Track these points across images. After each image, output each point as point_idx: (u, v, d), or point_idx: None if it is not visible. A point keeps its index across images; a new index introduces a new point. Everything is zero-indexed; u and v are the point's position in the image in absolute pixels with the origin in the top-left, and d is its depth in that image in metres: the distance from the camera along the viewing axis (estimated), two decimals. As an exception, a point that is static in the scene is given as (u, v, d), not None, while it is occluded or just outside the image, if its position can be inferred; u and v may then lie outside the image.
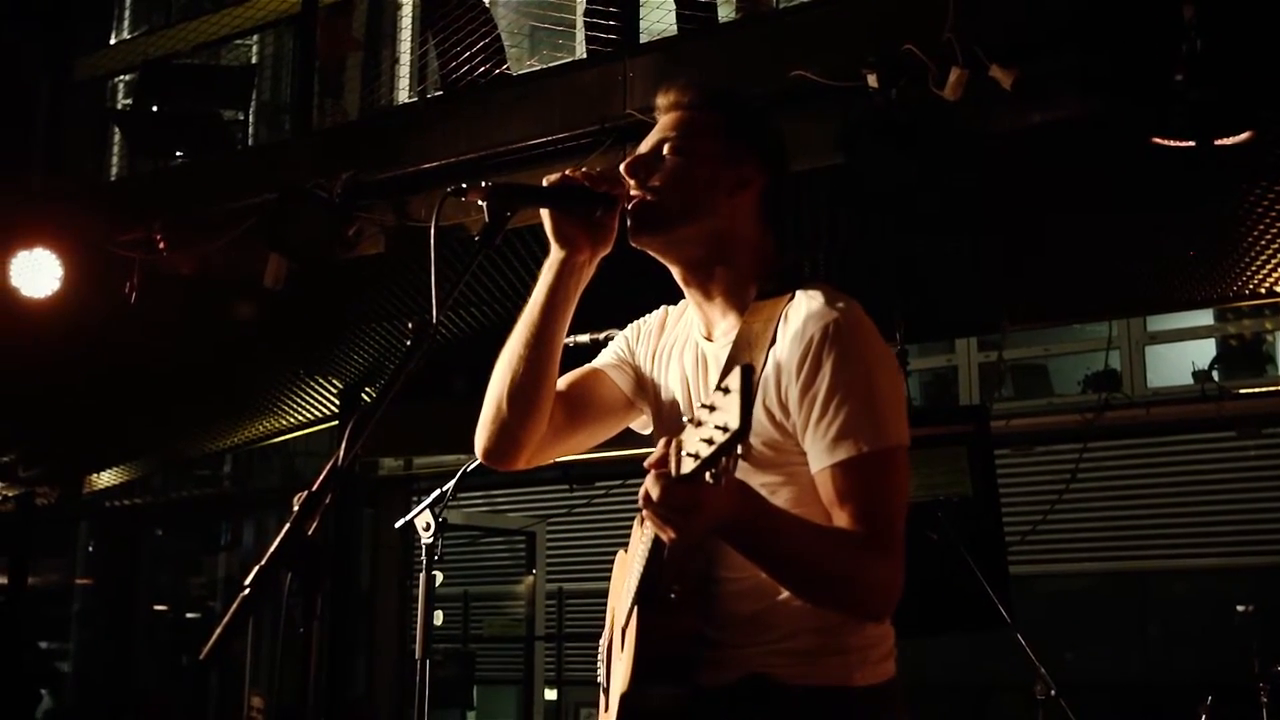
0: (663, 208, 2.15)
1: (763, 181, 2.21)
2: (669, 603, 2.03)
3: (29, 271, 5.98)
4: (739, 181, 2.18)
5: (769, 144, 2.26)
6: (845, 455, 1.96)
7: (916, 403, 8.34)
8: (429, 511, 3.78)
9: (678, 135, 2.19)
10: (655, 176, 2.16)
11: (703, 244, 2.17)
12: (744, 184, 2.18)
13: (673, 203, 2.15)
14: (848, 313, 2.03)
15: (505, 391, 2.24)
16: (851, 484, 1.97)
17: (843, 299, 2.07)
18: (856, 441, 1.96)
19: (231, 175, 6.38)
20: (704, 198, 2.15)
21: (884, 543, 1.95)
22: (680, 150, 2.18)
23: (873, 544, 1.94)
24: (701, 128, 2.20)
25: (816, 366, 1.98)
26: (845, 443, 1.96)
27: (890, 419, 2.00)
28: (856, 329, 2.02)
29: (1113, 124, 4.27)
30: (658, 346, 2.34)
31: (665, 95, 2.25)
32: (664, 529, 1.77)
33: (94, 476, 10.37)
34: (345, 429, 1.83)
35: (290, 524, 1.72)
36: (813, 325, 2.00)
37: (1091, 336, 8.16)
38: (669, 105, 2.25)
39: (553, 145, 5.16)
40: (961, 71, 4.19)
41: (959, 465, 5.63)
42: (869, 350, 2.02)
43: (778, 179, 2.25)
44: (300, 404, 8.17)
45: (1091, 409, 7.34)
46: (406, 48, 7.31)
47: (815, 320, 2.01)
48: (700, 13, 5.49)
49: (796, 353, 2.00)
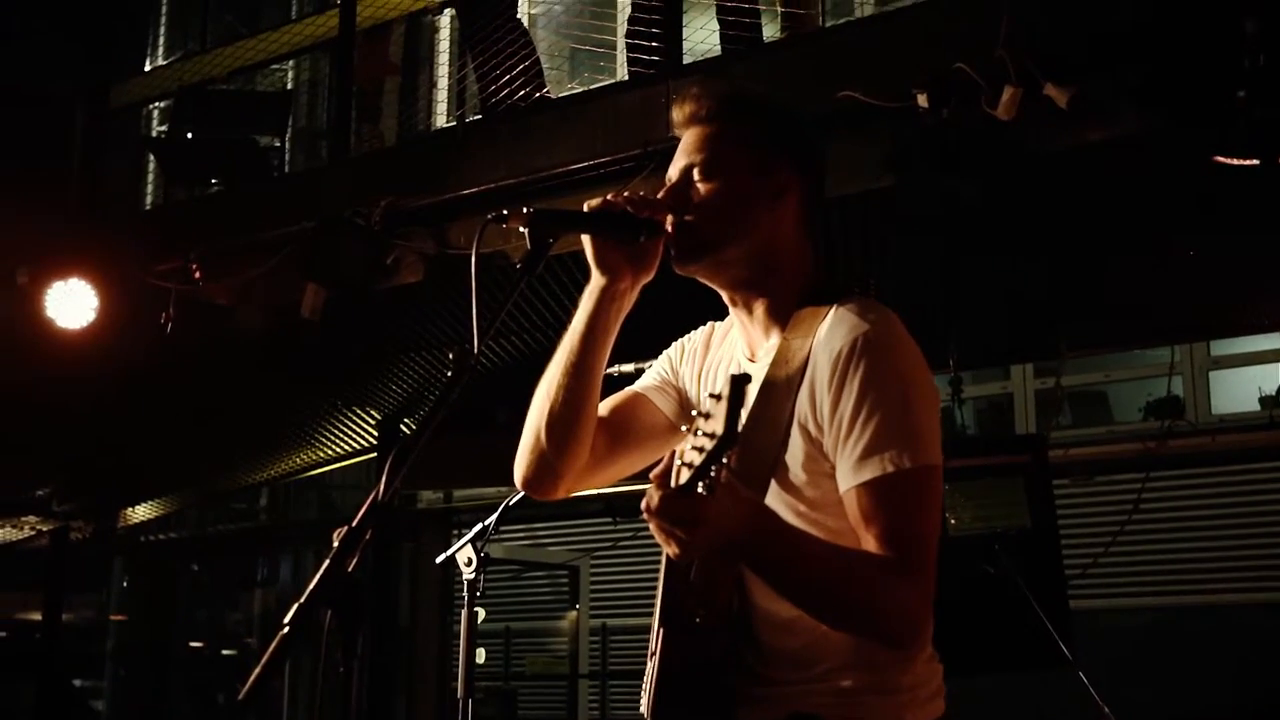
0: (704, 235, 2.09)
1: (800, 185, 2.14)
2: (695, 628, 1.99)
3: (64, 302, 5.94)
4: (775, 191, 2.11)
5: (799, 143, 2.19)
6: (872, 474, 1.90)
7: (971, 432, 8.20)
8: (470, 546, 3.75)
9: (705, 156, 2.12)
10: (691, 205, 2.10)
11: (748, 263, 2.11)
12: (781, 192, 2.12)
13: (714, 228, 2.09)
14: (879, 324, 1.97)
15: (544, 421, 2.19)
16: (878, 504, 1.90)
17: (876, 310, 2.01)
18: (884, 460, 1.89)
19: (268, 203, 6.35)
20: (743, 216, 2.09)
21: (910, 567, 1.88)
22: (710, 173, 2.11)
23: (898, 568, 1.87)
24: (728, 142, 2.13)
25: (844, 380, 1.93)
26: (872, 461, 1.90)
27: (922, 437, 1.93)
28: (888, 341, 1.96)
29: (1173, 142, 4.16)
30: (703, 366, 2.28)
31: (680, 109, 2.17)
32: (666, 542, 1.75)
33: (129, 510, 10.38)
34: (385, 462, 1.78)
35: (330, 560, 1.69)
36: (843, 338, 1.96)
37: (1152, 362, 8.00)
38: (686, 120, 2.17)
39: (594, 170, 5.07)
40: (1015, 90, 4.08)
41: (1016, 496, 5.48)
42: (900, 363, 1.97)
43: (815, 179, 2.19)
44: (338, 436, 8.13)
45: (1154, 437, 7.19)
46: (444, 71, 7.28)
47: (846, 333, 1.96)
48: (745, 32, 5.39)
49: (827, 366, 1.96)
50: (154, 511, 10.49)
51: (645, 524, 1.79)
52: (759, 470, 2.00)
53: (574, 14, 7.11)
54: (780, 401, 2.00)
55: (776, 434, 1.99)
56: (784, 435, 1.99)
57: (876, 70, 4.49)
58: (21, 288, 6.12)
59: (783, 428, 1.99)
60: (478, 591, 3.76)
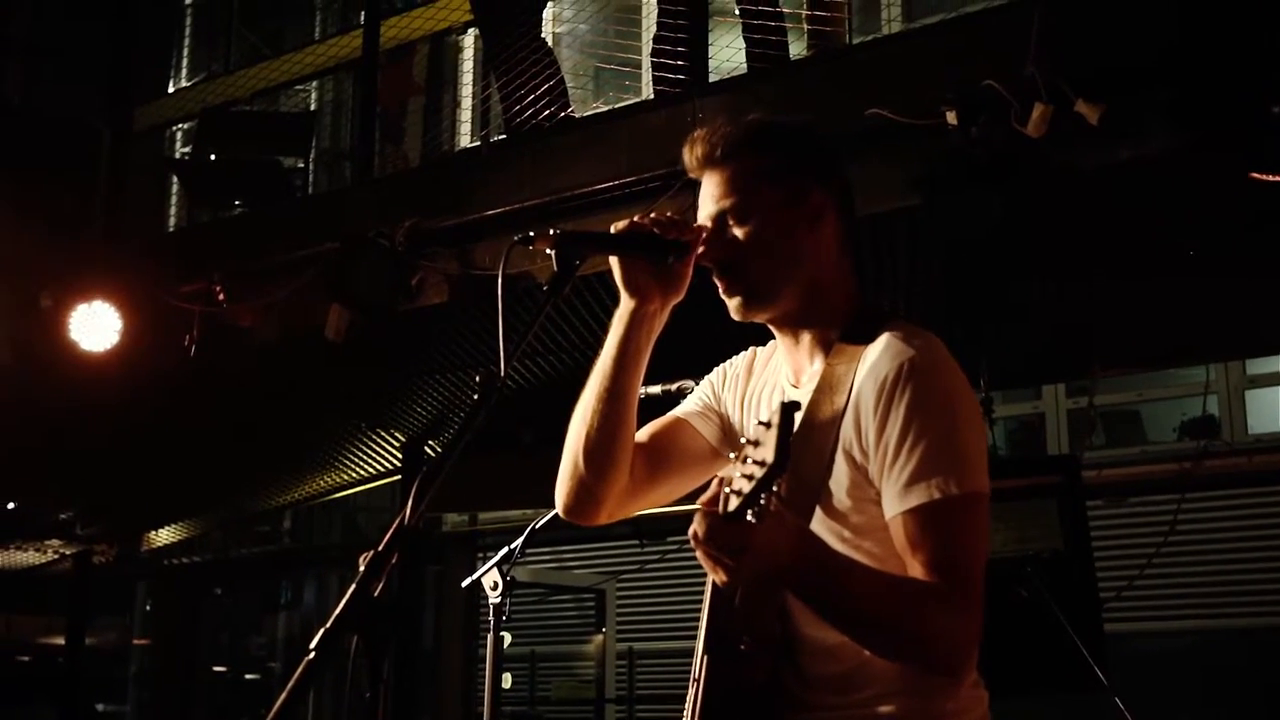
0: (758, 282, 2.09)
1: (833, 202, 2.12)
2: (739, 654, 1.97)
3: (88, 325, 5.94)
4: (812, 215, 2.10)
5: (821, 160, 2.16)
6: (919, 501, 1.88)
7: (1002, 452, 8.15)
8: (496, 570, 3.70)
9: (735, 201, 2.08)
10: (735, 254, 2.08)
11: (799, 296, 2.10)
12: (818, 215, 2.10)
13: (765, 272, 2.08)
14: (926, 350, 1.96)
15: (581, 448, 2.19)
16: (926, 531, 1.88)
17: (922, 336, 1.99)
18: (930, 486, 1.87)
19: (291, 224, 6.34)
20: (789, 250, 2.08)
21: (960, 594, 1.86)
22: (744, 216, 2.08)
23: (947, 595, 1.85)
24: (752, 178, 2.09)
25: (890, 407, 1.92)
26: (919, 487, 1.88)
27: (970, 463, 1.91)
28: (934, 367, 1.95)
29: (1207, 158, 4.12)
30: (746, 391, 2.26)
31: (692, 152, 2.13)
32: (714, 570, 1.74)
33: (152, 534, 10.40)
34: (410, 485, 1.78)
35: (356, 585, 1.69)
36: (888, 364, 1.94)
37: (1187, 381, 7.94)
38: (699, 164, 2.13)
39: (620, 190, 5.03)
40: (1045, 107, 4.03)
41: (1049, 518, 5.47)
42: (948, 390, 1.95)
43: (844, 190, 2.16)
44: (362, 458, 8.10)
45: (1189, 457, 7.16)
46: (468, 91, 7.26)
47: (891, 359, 1.95)
48: (771, 50, 5.34)
49: (872, 393, 1.94)
50: (177, 535, 10.50)
51: (672, 547, 1.74)
52: (804, 497, 1.98)
53: (598, 32, 7.08)
54: (825, 427, 1.98)
55: (821, 460, 1.98)
56: (829, 461, 1.98)
57: (904, 88, 4.45)
58: (45, 310, 6.13)
59: (827, 454, 1.98)
60: (504, 616, 3.72)
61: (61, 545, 10.03)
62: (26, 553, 10.30)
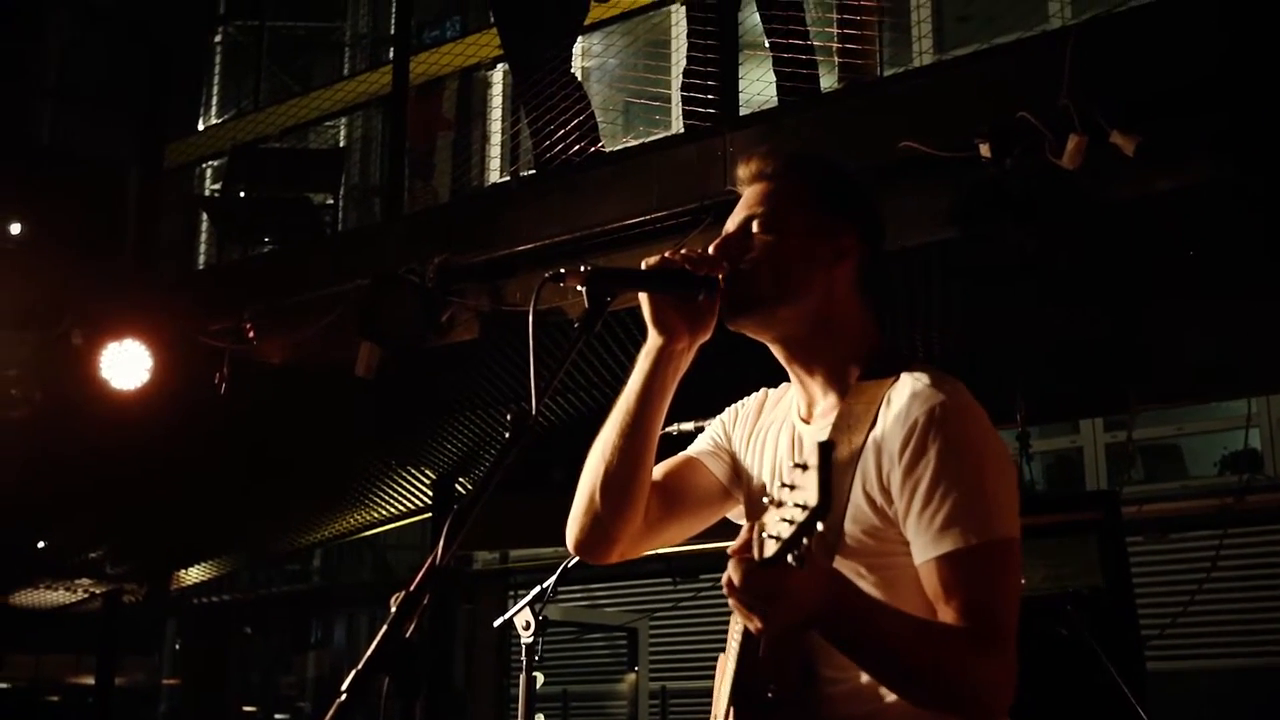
0: (757, 289, 2.06)
1: (860, 251, 2.12)
2: (767, 702, 1.93)
3: (119, 363, 5.96)
4: (834, 253, 2.09)
5: (863, 210, 2.17)
6: (952, 546, 1.87)
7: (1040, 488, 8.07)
8: (529, 609, 3.68)
9: (766, 210, 2.10)
10: (747, 257, 2.07)
11: (802, 323, 2.09)
12: (840, 256, 2.09)
13: (767, 284, 2.07)
14: (955, 396, 1.94)
15: (599, 483, 2.17)
16: (958, 577, 1.87)
17: (949, 381, 1.98)
18: (964, 532, 1.86)
19: (321, 261, 6.35)
20: (800, 275, 2.07)
21: (993, 640, 1.85)
22: (770, 227, 2.09)
23: (980, 641, 1.84)
24: (790, 199, 2.11)
25: (921, 451, 1.89)
26: (952, 533, 1.87)
27: (1001, 509, 1.90)
28: (964, 413, 1.94)
29: (1245, 189, 4.07)
30: (754, 429, 2.26)
31: (746, 166, 2.17)
32: (749, 618, 1.70)
33: (182, 572, 10.40)
34: (440, 522, 1.71)
35: (387, 626, 1.68)
36: (917, 408, 1.92)
37: (1228, 414, 7.89)
38: (751, 176, 2.16)
39: (651, 224, 5.01)
40: (1080, 138, 3.99)
41: (1088, 555, 5.40)
42: (978, 436, 1.94)
43: (875, 247, 2.16)
44: (392, 495, 8.10)
45: (1231, 492, 7.10)
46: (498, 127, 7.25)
47: (920, 403, 1.92)
48: (802, 83, 5.30)
49: (899, 436, 1.92)
50: (207, 573, 10.52)
51: (705, 584, 1.68)
52: (825, 538, 1.92)
53: (628, 67, 7.08)
54: (842, 466, 1.94)
55: (840, 500, 1.94)
56: (845, 500, 1.95)
57: (937, 120, 4.42)
58: (76, 349, 6.16)
59: (845, 493, 1.95)
60: (536, 656, 3.71)
61: (91, 584, 10.05)
62: (56, 592, 10.33)
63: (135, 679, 13.03)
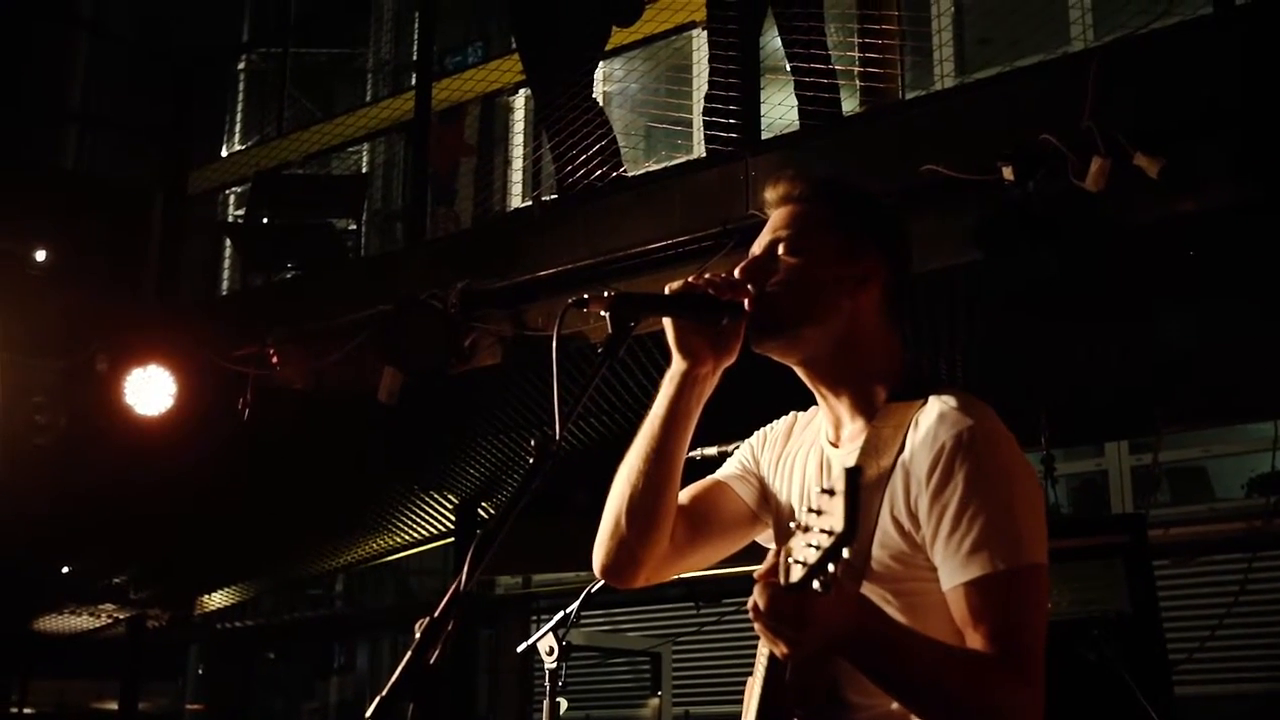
0: (782, 311, 2.07)
1: (886, 276, 2.12)
2: None
3: (143, 389, 5.98)
4: (860, 278, 2.09)
5: (890, 235, 2.18)
6: (980, 572, 1.86)
7: (1065, 511, 8.01)
8: (552, 634, 3.73)
9: (792, 233, 2.11)
10: (773, 280, 2.08)
11: (828, 346, 2.09)
12: (866, 280, 2.10)
13: (792, 306, 2.07)
14: (983, 420, 1.94)
15: (624, 507, 2.17)
16: (986, 603, 1.86)
17: (978, 405, 1.97)
18: (993, 558, 1.86)
19: (344, 287, 6.35)
20: (825, 298, 2.07)
21: (1021, 666, 1.83)
22: (795, 249, 2.10)
23: (1008, 668, 1.83)
24: (816, 222, 2.12)
25: (948, 476, 1.89)
26: (979, 559, 1.86)
27: (1029, 535, 1.89)
28: (992, 438, 1.93)
29: (1270, 210, 4.02)
30: (782, 453, 2.26)
31: (774, 189, 2.18)
32: (775, 643, 1.69)
33: (205, 598, 10.40)
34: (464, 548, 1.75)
35: (411, 652, 1.68)
36: (945, 432, 1.92)
37: (1255, 436, 7.78)
38: (778, 199, 2.17)
39: (673, 249, 5.00)
40: (1103, 160, 3.98)
41: (1114, 579, 5.35)
42: (1006, 461, 1.93)
43: (902, 270, 2.17)
44: (415, 520, 8.08)
45: (1259, 515, 7.01)
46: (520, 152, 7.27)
47: (948, 427, 1.92)
48: (824, 107, 5.30)
49: (927, 460, 1.91)
50: (230, 598, 10.52)
51: (729, 609, 1.67)
52: (854, 561, 1.93)
53: (650, 91, 7.09)
54: (870, 490, 1.93)
55: (867, 525, 1.93)
56: (873, 525, 1.94)
57: (959, 143, 4.41)
58: (100, 374, 6.18)
59: (873, 517, 1.94)
60: (559, 680, 3.75)
61: (115, 610, 10.06)
62: (80, 617, 10.35)
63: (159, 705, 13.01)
